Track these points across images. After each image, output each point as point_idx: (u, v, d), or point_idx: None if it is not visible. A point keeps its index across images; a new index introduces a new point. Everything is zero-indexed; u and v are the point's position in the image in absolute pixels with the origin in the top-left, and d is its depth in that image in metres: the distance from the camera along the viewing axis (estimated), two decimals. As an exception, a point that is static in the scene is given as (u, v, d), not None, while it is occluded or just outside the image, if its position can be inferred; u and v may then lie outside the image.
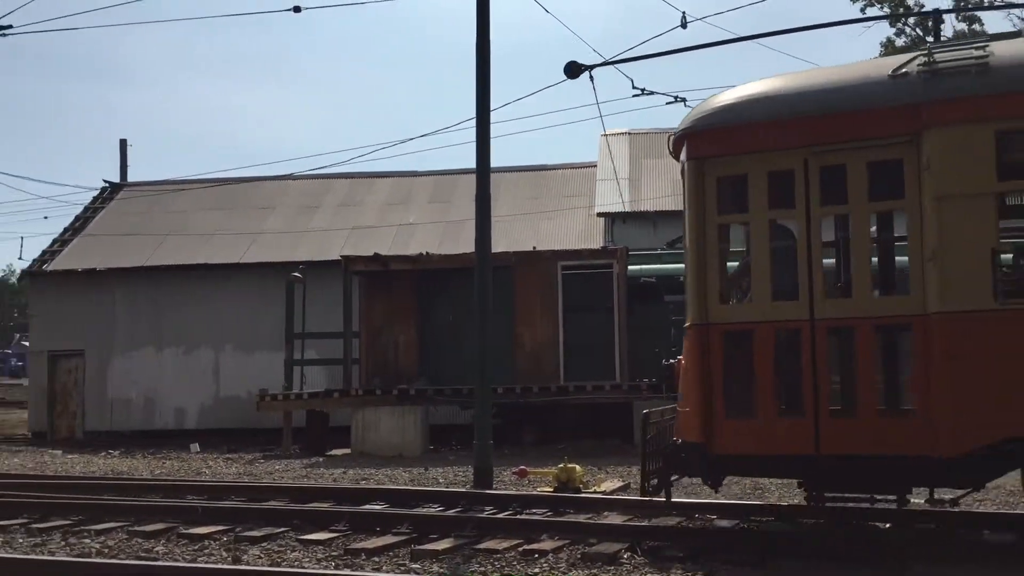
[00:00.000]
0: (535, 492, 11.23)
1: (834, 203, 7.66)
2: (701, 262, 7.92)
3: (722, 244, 8.03)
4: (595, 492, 11.16)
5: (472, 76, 12.75)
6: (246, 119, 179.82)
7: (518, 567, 7.54)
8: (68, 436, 25.10)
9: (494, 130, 13.02)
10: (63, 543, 9.01)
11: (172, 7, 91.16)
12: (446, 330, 20.18)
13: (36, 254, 27.02)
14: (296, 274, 21.08)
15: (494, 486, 12.14)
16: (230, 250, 25.50)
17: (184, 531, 9.17)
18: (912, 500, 8.06)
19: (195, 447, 20.81)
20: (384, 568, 7.62)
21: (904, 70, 7.46)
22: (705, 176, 7.96)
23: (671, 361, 8.84)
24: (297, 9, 11.24)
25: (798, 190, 7.60)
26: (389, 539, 8.53)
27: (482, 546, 8.16)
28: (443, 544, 8.27)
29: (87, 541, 9.03)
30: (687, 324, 8.15)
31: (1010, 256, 8.71)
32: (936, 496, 7.79)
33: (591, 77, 10.86)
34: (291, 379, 20.75)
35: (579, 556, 7.75)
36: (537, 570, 7.43)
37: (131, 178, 33.13)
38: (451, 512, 9.80)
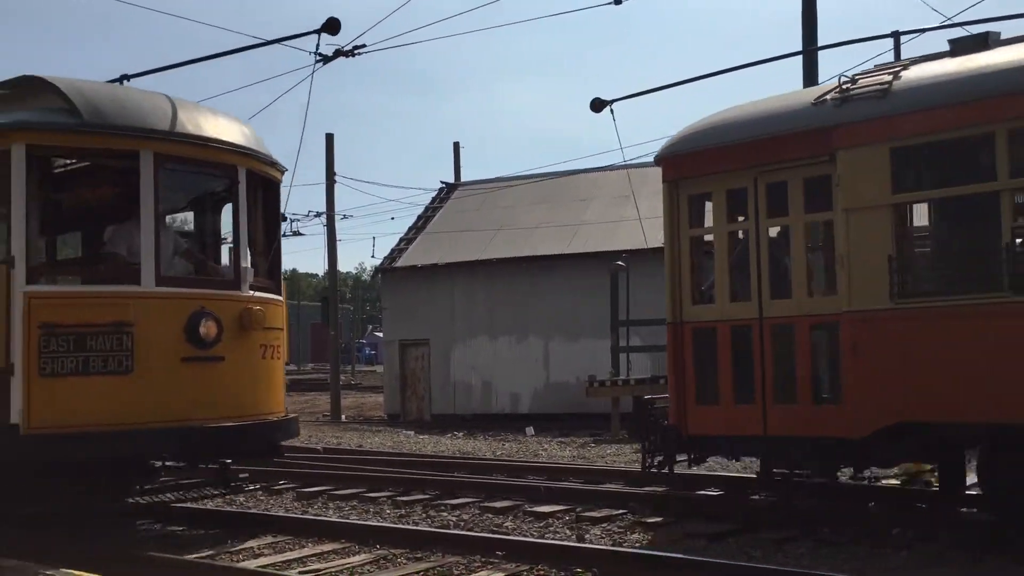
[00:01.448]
0: (879, 484, 10.66)
1: (778, 215, 8.69)
2: (676, 268, 9.27)
3: (694, 253, 9.32)
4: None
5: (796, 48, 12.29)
6: (562, 115, 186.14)
7: (870, 561, 7.23)
8: (417, 417, 27.46)
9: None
10: (424, 515, 9.92)
11: (489, 17, 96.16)
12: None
13: (386, 252, 29.74)
14: (619, 263, 21.49)
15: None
16: (554, 242, 26.52)
17: (529, 508, 9.74)
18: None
19: (530, 430, 21.91)
20: (723, 556, 7.62)
21: (824, 97, 8.43)
22: (678, 195, 9.32)
23: None
24: (618, 1, 11.38)
25: (750, 205, 8.78)
26: (726, 526, 8.52)
27: (823, 536, 7.94)
28: (782, 533, 8.11)
29: (444, 514, 9.87)
30: (667, 322, 9.41)
31: None
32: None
33: (612, 111, 11.42)
34: (617, 366, 21.21)
35: (935, 555, 7.32)
36: (892, 565, 7.10)
37: (464, 178, 35.50)
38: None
